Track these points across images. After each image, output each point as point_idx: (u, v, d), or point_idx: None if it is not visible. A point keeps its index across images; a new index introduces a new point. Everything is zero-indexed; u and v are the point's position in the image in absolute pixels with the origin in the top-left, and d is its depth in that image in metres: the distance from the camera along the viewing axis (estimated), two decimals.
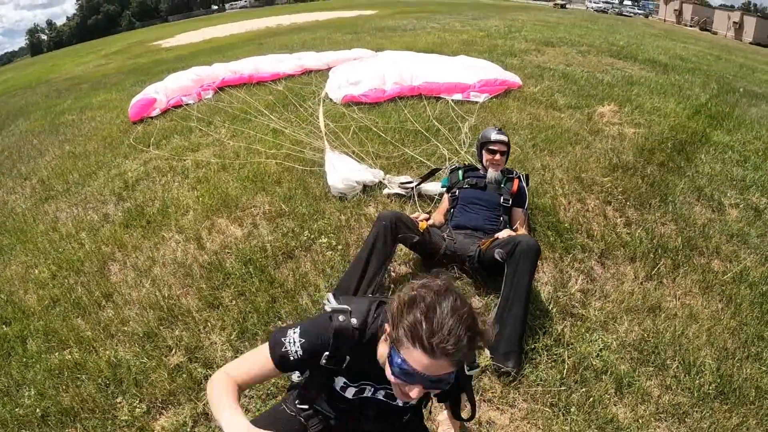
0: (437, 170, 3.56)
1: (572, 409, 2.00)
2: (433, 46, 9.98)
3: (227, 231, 3.35)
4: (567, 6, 46.45)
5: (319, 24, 21.51)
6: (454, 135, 4.63)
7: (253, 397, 2.15)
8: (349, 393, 1.40)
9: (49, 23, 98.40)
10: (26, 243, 3.87)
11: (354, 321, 1.27)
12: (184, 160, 4.65)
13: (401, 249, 2.91)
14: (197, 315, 2.59)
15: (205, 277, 2.86)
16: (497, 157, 3.05)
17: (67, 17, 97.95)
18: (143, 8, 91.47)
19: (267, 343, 1.31)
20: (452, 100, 5.61)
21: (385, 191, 3.59)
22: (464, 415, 1.57)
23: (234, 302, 2.64)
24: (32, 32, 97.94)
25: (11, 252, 3.83)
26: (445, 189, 3.22)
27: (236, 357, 2.18)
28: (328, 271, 2.79)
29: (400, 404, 1.43)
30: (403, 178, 3.67)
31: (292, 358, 1.27)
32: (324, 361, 1.29)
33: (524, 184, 3.08)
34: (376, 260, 2.43)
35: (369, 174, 3.64)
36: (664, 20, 44.86)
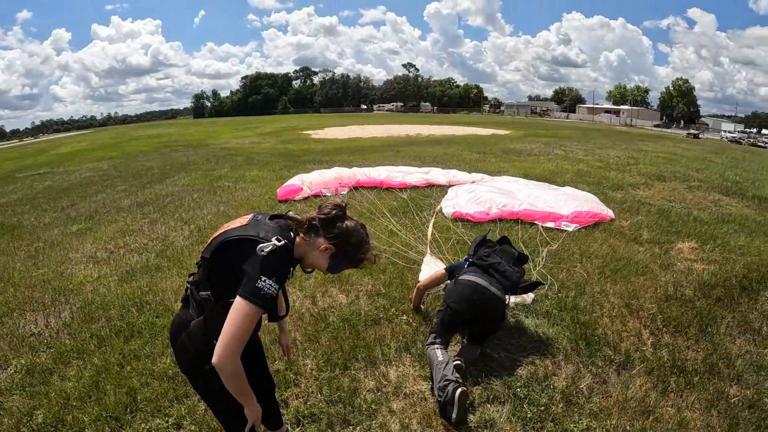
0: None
1: None
2: (548, 174, 11.26)
3: (336, 297, 4.66)
4: (700, 136, 45.85)
5: (454, 139, 23.88)
6: (533, 257, 5.49)
7: None
8: None
9: (215, 93, 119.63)
10: (181, 269, 5.49)
11: (282, 240, 1.87)
12: None
13: None
14: (299, 344, 3.78)
15: (312, 323, 4.10)
16: None
17: (231, 91, 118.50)
18: (299, 97, 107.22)
19: (244, 305, 1.75)
20: (543, 226, 6.64)
21: None
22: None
23: (328, 342, 3.82)
24: (198, 97, 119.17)
25: (168, 272, 5.49)
26: None
27: (320, 379, 3.30)
28: (400, 338, 3.85)
29: None
30: None
31: (274, 294, 1.79)
32: (290, 275, 1.98)
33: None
34: None
35: None
36: None
